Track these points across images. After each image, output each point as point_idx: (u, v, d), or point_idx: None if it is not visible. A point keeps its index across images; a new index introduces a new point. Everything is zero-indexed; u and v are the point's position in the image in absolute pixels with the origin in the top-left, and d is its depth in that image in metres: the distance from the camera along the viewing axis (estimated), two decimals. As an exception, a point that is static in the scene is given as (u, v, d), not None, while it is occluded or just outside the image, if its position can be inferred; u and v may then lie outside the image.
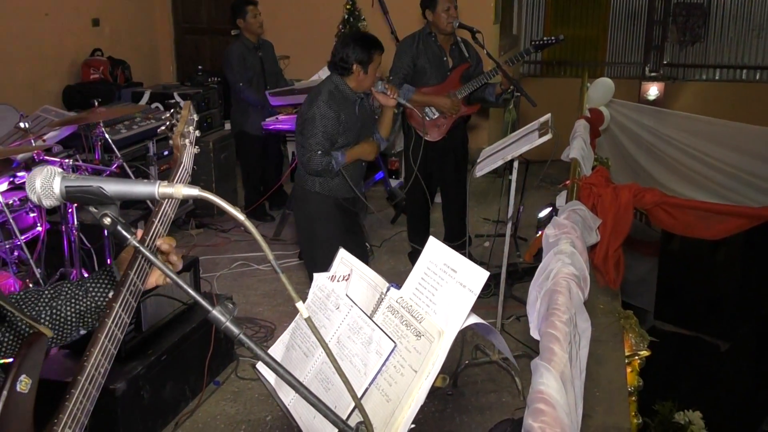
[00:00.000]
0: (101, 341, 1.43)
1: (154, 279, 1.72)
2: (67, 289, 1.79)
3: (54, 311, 1.74)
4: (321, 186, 4.03)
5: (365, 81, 3.94)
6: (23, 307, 1.73)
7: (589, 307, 2.65)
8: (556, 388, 1.93)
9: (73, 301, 1.77)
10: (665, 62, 10.01)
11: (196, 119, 1.87)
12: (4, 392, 1.41)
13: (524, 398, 3.88)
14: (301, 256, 5.17)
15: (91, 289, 1.77)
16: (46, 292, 1.77)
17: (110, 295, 1.73)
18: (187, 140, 1.77)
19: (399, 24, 6.66)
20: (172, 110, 1.83)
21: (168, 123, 1.80)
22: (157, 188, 1.20)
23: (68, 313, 1.76)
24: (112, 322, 1.46)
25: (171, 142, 1.75)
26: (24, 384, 1.45)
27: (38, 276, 4.44)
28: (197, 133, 1.86)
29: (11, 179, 4.51)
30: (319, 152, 3.85)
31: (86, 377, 1.41)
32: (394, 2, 7.06)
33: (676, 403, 5.23)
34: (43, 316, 1.73)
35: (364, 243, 4.70)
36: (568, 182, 3.97)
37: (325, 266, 3.99)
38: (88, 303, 1.76)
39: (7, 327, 1.71)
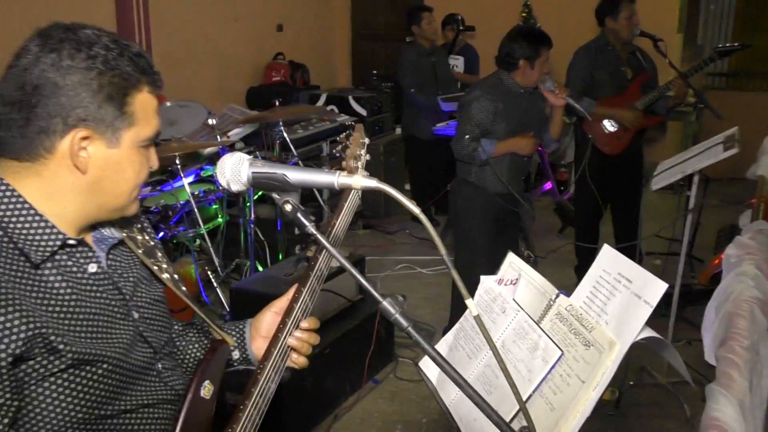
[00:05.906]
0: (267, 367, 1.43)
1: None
2: (193, 333, 1.71)
3: (174, 350, 1.63)
4: (476, 176, 4.03)
5: (532, 76, 3.92)
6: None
7: (772, 335, 2.47)
8: (733, 416, 1.80)
9: (197, 346, 1.69)
10: None
11: (367, 142, 1.86)
12: (189, 395, 1.43)
13: (693, 427, 3.66)
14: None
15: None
16: (176, 326, 1.67)
17: (234, 354, 1.65)
18: (359, 163, 1.78)
19: (569, 32, 6.50)
20: (345, 132, 1.86)
21: (341, 145, 1.80)
22: (337, 178, 1.24)
23: (188, 356, 1.68)
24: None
25: (343, 164, 1.73)
26: (207, 390, 1.46)
27: (216, 264, 4.71)
28: (368, 156, 1.84)
29: (198, 172, 4.82)
30: (467, 137, 3.87)
31: (258, 391, 1.39)
32: (565, 12, 6.92)
33: None
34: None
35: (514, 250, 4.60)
36: (753, 201, 3.70)
37: (465, 259, 3.93)
38: None
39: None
